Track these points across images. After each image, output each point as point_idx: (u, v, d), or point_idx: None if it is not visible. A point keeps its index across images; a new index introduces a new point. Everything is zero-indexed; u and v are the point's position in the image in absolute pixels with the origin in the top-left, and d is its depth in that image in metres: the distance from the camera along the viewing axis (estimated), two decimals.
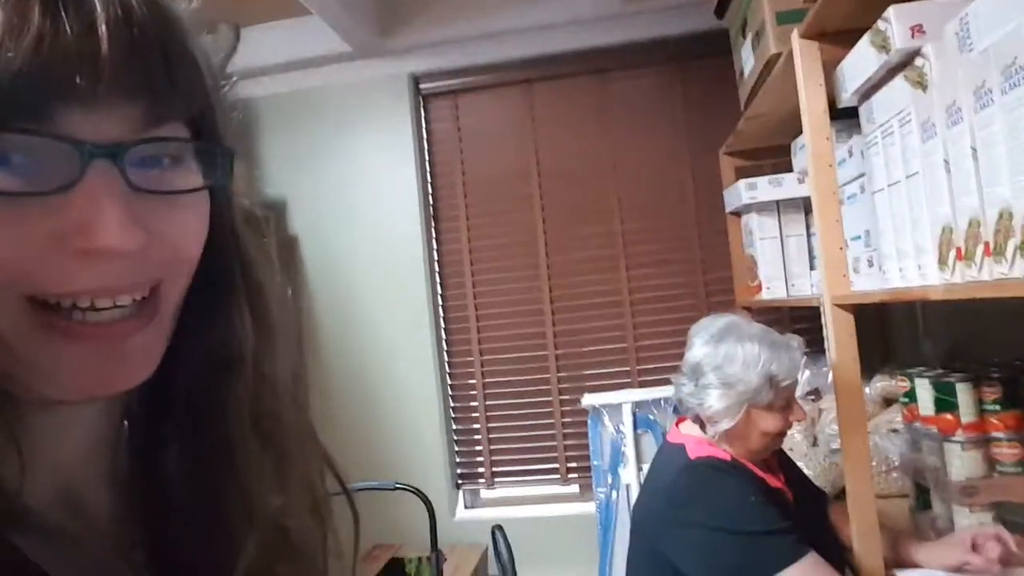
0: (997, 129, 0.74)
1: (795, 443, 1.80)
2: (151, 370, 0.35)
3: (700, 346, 1.24)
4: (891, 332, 2.15)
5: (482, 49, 2.53)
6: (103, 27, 0.29)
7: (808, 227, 1.87)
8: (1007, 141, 0.72)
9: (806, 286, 1.85)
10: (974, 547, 1.11)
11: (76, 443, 0.37)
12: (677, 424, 1.35)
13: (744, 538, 1.08)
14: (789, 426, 1.22)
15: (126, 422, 0.41)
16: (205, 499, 0.39)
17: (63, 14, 0.29)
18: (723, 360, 1.19)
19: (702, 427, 1.26)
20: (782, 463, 1.38)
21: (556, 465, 2.56)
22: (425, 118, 2.65)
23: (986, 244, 0.79)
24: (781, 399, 1.19)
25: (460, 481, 2.62)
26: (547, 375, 2.55)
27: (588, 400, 2.33)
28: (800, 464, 1.54)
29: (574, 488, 2.57)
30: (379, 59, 2.54)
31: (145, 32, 0.31)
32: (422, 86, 2.62)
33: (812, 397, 1.98)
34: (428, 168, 2.64)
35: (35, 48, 0.28)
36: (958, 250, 0.86)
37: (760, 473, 1.23)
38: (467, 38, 2.51)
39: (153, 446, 0.40)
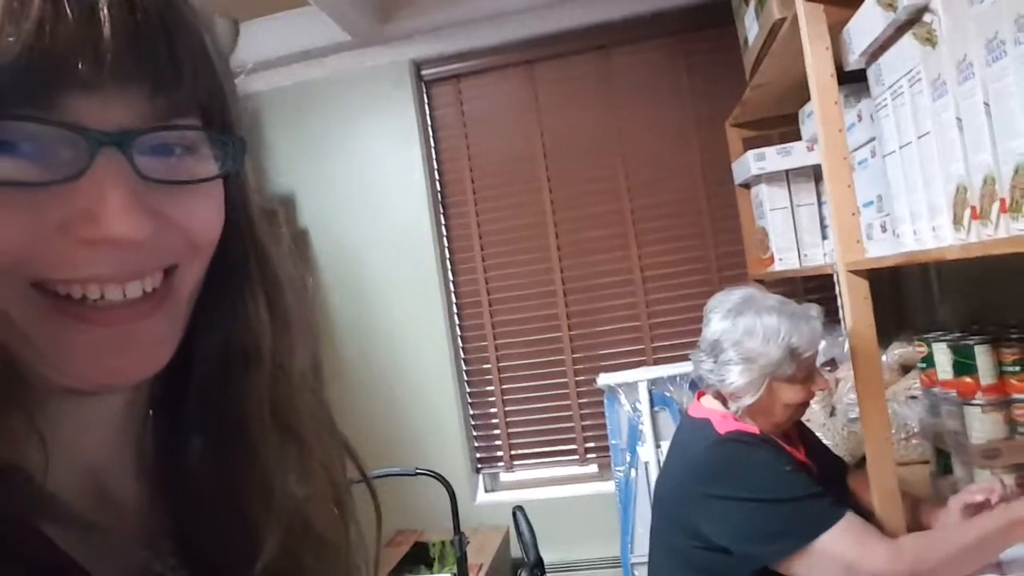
0: (1011, 81, 0.72)
1: (813, 414, 1.79)
2: (166, 359, 0.35)
3: (718, 321, 1.23)
4: (907, 299, 2.12)
5: (482, 31, 2.51)
6: (105, 11, 0.29)
7: (819, 196, 1.85)
8: (1021, 93, 0.70)
9: (819, 255, 1.83)
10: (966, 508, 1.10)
11: (101, 433, 0.37)
12: (698, 397, 1.35)
13: (786, 505, 1.08)
14: (812, 396, 1.21)
15: (151, 412, 0.41)
16: (227, 490, 0.39)
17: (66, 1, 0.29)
18: (742, 335, 1.18)
19: (723, 403, 1.25)
20: (802, 435, 1.37)
21: (574, 446, 2.57)
22: (429, 104, 2.64)
23: (1002, 200, 0.77)
24: (803, 370, 1.18)
25: (479, 465, 2.64)
26: (562, 356, 2.55)
27: (603, 380, 2.33)
28: (819, 434, 1.54)
29: (593, 468, 2.58)
30: (379, 47, 2.53)
31: (149, 16, 0.31)
32: (424, 72, 2.61)
33: (829, 368, 1.96)
34: (434, 154, 2.64)
35: (36, 33, 0.28)
36: (973, 209, 0.84)
37: (786, 448, 1.22)
38: (466, 21, 2.49)
39: (176, 436, 0.40)
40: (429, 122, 2.63)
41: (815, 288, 2.24)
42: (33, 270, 0.30)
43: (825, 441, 1.56)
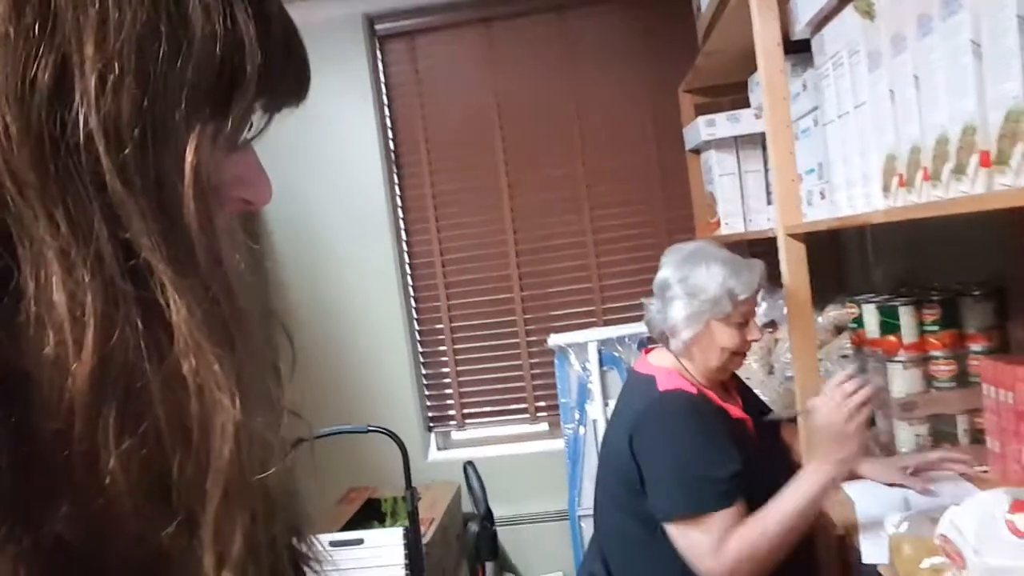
0: (937, 56, 0.76)
1: (752, 372, 1.88)
2: None
3: (669, 265, 1.32)
4: (845, 264, 2.22)
5: None
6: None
7: (766, 162, 1.91)
8: (945, 69, 0.75)
9: (763, 220, 1.90)
10: (915, 472, 1.19)
11: None
12: (645, 354, 1.41)
13: (686, 473, 1.17)
14: (747, 346, 1.27)
15: None
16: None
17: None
18: (688, 272, 1.27)
19: (667, 345, 1.33)
20: (741, 390, 1.45)
21: (525, 405, 2.63)
22: (383, 60, 2.59)
23: (924, 169, 0.83)
24: (738, 315, 1.25)
25: (431, 424, 2.68)
26: (513, 317, 2.59)
27: (554, 340, 2.39)
28: (757, 391, 1.62)
29: (543, 426, 2.66)
30: None
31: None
32: (377, 27, 2.55)
33: (770, 329, 2.05)
34: (387, 112, 2.60)
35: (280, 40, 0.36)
36: (900, 177, 0.90)
37: (722, 404, 1.29)
38: None
39: None
40: (383, 79, 2.59)
41: (759, 253, 2.28)
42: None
43: (763, 397, 1.64)
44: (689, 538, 1.15)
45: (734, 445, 1.20)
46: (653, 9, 2.43)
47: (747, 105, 1.83)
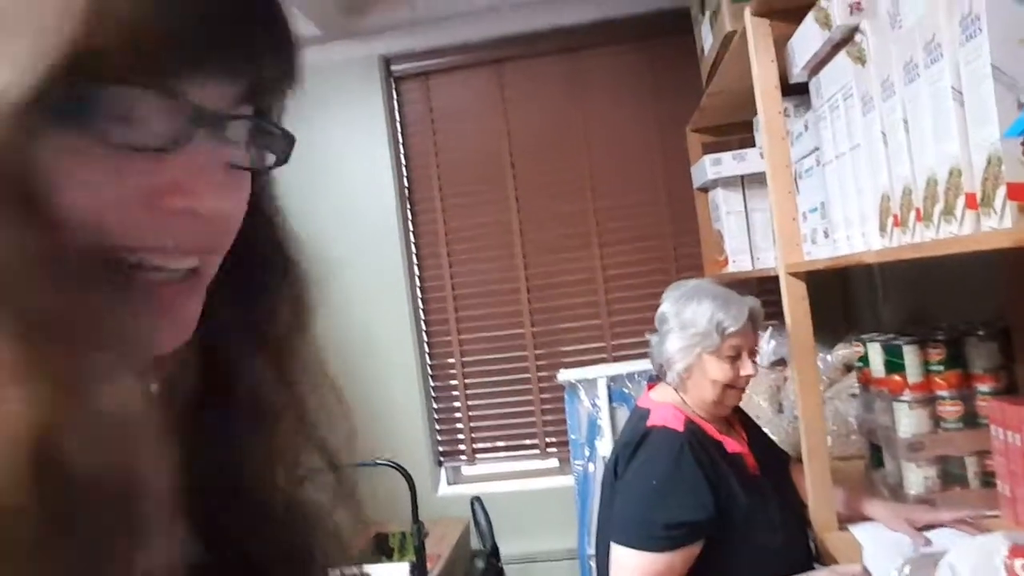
0: (923, 102, 0.78)
1: (761, 410, 1.86)
2: (188, 336, 0.36)
3: (668, 301, 1.36)
4: (855, 302, 2.22)
5: (452, 28, 2.54)
6: (237, 6, 0.31)
7: None
8: (931, 113, 0.77)
9: (770, 258, 1.91)
10: (924, 528, 1.17)
11: None
12: (649, 389, 1.41)
13: (639, 511, 1.20)
14: (740, 380, 1.27)
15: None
16: (245, 475, 0.41)
17: None
18: (682, 307, 1.31)
19: (663, 379, 1.35)
20: (746, 425, 1.44)
21: (535, 440, 2.62)
22: (397, 100, 2.66)
23: (917, 210, 0.84)
24: (728, 348, 1.26)
25: (442, 458, 2.67)
26: (524, 352, 2.60)
27: (564, 376, 2.38)
28: (766, 429, 1.61)
29: (553, 462, 2.64)
30: (349, 41, 2.54)
31: (271, 15, 0.33)
32: (393, 68, 2.63)
33: (780, 367, 2.04)
34: (402, 150, 2.66)
35: (185, 15, 0.29)
36: (895, 217, 0.91)
37: (718, 436, 1.28)
38: (437, 17, 2.52)
39: (182, 414, 0.42)
40: (398, 118, 2.66)
41: (769, 290, 2.30)
42: (109, 237, 0.31)
43: (772, 436, 1.63)
44: (621, 566, 1.18)
45: (722, 481, 1.19)
46: (659, 50, 2.49)
47: (754, 143, 1.86)
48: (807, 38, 1.10)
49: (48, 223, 0.28)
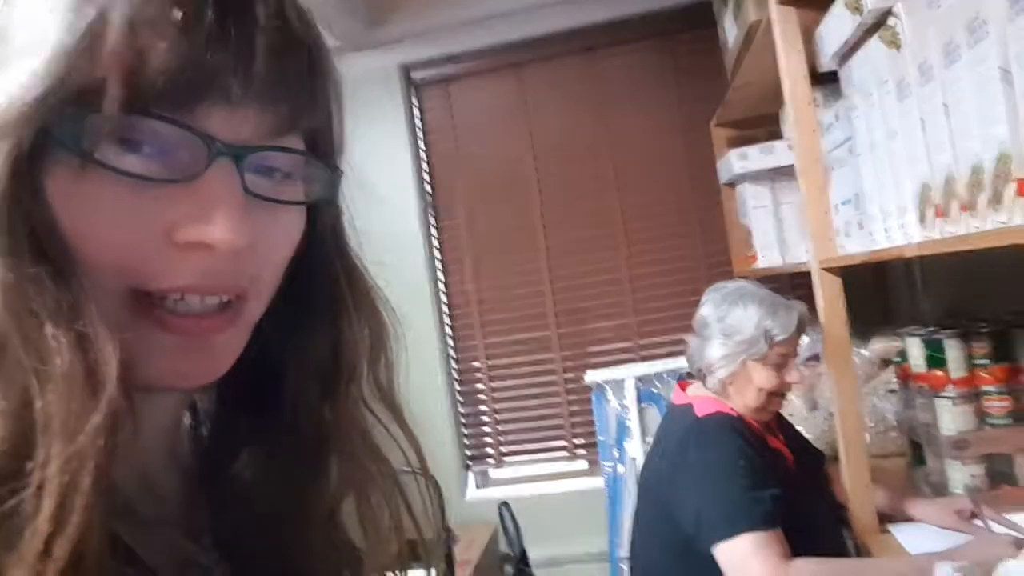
0: (965, 85, 0.75)
1: (795, 408, 1.82)
2: (227, 368, 0.36)
3: (708, 304, 1.31)
4: (891, 295, 2.16)
5: (471, 35, 2.53)
6: (262, 36, 0.31)
7: None
8: (975, 97, 0.73)
9: (801, 252, 1.86)
10: (973, 516, 1.13)
11: (154, 429, 0.38)
12: (681, 388, 1.38)
13: (733, 488, 1.11)
14: (785, 387, 1.24)
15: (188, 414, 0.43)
16: (284, 502, 0.40)
17: (230, 18, 0.30)
18: (725, 312, 1.26)
19: (704, 382, 1.31)
20: (781, 426, 1.40)
21: (563, 442, 2.59)
22: (419, 107, 2.66)
23: (961, 200, 0.80)
24: (776, 356, 1.22)
25: (469, 462, 2.66)
26: (551, 354, 2.57)
27: (591, 377, 2.36)
28: (800, 428, 1.57)
29: (582, 464, 2.61)
30: (369, 51, 2.54)
31: (298, 46, 0.33)
32: (413, 76, 2.63)
33: (813, 363, 1.99)
34: (424, 157, 2.66)
35: (204, 45, 0.29)
36: (937, 207, 0.87)
37: (760, 432, 1.25)
38: (455, 24, 2.51)
39: (224, 442, 0.42)
40: (419, 125, 2.65)
41: (801, 285, 2.26)
42: (131, 273, 0.31)
43: (807, 434, 1.59)
44: (744, 559, 1.08)
45: (769, 472, 1.15)
46: (681, 45, 2.45)
47: (781, 136, 1.81)
48: (836, 24, 1.07)
49: (61, 258, 0.29)
